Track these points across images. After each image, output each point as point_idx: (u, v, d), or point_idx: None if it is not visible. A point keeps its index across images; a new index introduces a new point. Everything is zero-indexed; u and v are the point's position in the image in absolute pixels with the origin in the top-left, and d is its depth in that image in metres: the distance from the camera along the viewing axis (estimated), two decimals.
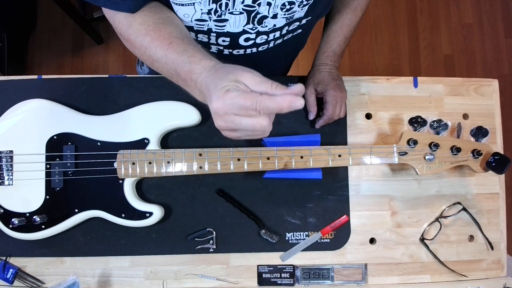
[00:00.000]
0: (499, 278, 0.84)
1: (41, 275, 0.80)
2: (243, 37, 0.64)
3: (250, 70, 0.47)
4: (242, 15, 0.58)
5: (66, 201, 0.76)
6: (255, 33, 0.63)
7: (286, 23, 0.64)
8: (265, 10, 0.58)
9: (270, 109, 0.45)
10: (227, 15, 0.58)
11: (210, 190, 0.81)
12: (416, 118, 0.79)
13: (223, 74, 0.48)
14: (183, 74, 0.53)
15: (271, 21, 0.61)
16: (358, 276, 0.83)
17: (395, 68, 1.95)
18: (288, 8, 0.59)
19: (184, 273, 0.81)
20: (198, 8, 0.56)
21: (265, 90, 0.45)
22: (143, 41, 0.56)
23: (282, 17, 0.61)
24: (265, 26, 0.62)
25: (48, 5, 1.82)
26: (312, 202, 0.82)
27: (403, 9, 2.00)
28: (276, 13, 0.59)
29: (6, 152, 0.77)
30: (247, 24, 0.61)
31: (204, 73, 0.51)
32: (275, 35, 0.67)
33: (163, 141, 0.80)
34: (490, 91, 0.89)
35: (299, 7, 0.60)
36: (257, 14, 0.59)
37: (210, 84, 0.49)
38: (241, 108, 0.45)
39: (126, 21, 0.57)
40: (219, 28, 0.61)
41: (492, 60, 1.99)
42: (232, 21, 0.59)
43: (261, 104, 0.44)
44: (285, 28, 0.66)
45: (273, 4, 0.57)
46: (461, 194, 0.86)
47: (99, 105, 0.81)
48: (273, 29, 0.64)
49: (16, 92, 0.81)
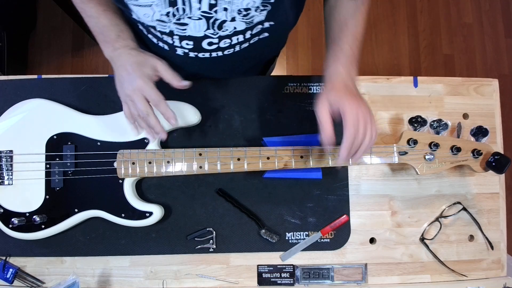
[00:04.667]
0: (499, 278, 0.84)
1: (41, 275, 0.80)
2: (205, 41, 0.64)
3: (164, 63, 0.66)
4: (201, 20, 0.58)
5: (66, 201, 0.76)
6: (217, 37, 0.63)
7: (248, 27, 0.63)
8: (223, 15, 0.58)
9: (161, 111, 0.66)
10: (186, 19, 0.58)
11: (210, 190, 0.81)
12: (416, 118, 0.79)
13: (144, 59, 0.65)
14: (108, 39, 0.65)
15: (230, 24, 0.60)
16: (358, 276, 0.83)
17: (395, 68, 1.95)
18: (245, 14, 0.59)
19: (184, 273, 0.81)
20: (156, 9, 0.56)
21: (169, 79, 0.66)
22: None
23: (241, 21, 0.60)
24: (225, 30, 0.61)
25: (48, 5, 1.82)
26: (312, 202, 0.82)
27: (403, 9, 2.00)
28: (234, 16, 0.59)
29: (6, 152, 0.77)
30: (208, 29, 0.61)
31: (127, 49, 0.65)
32: (239, 39, 0.65)
33: (163, 140, 0.80)
34: (490, 90, 0.89)
35: (256, 11, 0.59)
36: (215, 20, 0.59)
37: (132, 62, 0.64)
38: (150, 96, 0.64)
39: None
40: (181, 31, 0.61)
41: (492, 59, 1.99)
42: (192, 25, 0.60)
43: (159, 104, 0.65)
44: (248, 32, 0.65)
45: (229, 9, 0.57)
46: (461, 194, 0.86)
47: (99, 105, 0.81)
48: (235, 32, 0.63)
49: (16, 91, 0.81)
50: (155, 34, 0.64)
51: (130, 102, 0.66)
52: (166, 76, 0.66)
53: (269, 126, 0.83)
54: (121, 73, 0.65)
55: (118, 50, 0.65)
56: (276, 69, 1.81)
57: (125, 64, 0.64)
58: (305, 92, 0.85)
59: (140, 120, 0.68)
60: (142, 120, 0.68)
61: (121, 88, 0.66)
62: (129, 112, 0.68)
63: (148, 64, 0.65)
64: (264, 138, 0.79)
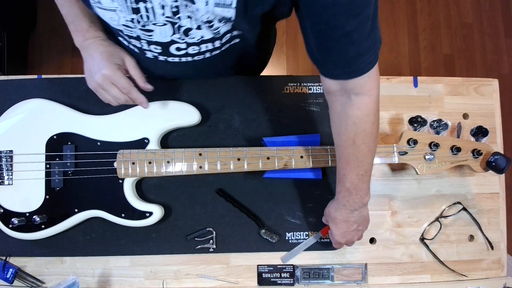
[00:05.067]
0: (499, 278, 0.84)
1: (41, 275, 0.80)
2: (173, 46, 0.63)
3: (133, 59, 0.69)
4: (166, 26, 0.57)
5: (66, 201, 0.76)
6: (185, 43, 0.62)
7: (215, 37, 0.62)
8: (187, 22, 0.56)
9: (132, 97, 0.69)
10: (151, 26, 0.57)
11: (210, 190, 0.81)
12: (416, 118, 0.79)
13: (114, 50, 0.67)
14: (79, 28, 0.67)
15: (197, 32, 0.59)
16: (358, 276, 0.83)
17: (395, 68, 1.95)
18: (209, 26, 0.57)
19: (184, 273, 0.81)
20: (121, 15, 0.55)
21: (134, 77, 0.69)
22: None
23: (206, 30, 0.59)
24: (192, 37, 0.60)
25: (48, 5, 1.82)
26: (312, 202, 0.82)
27: (403, 9, 2.00)
28: (199, 25, 0.57)
29: (6, 151, 0.77)
30: (174, 34, 0.60)
31: (97, 40, 0.67)
32: (208, 47, 0.64)
33: (163, 140, 0.80)
34: (490, 90, 0.89)
35: (220, 23, 0.57)
36: (180, 26, 0.58)
37: (102, 51, 0.66)
38: (120, 85, 0.67)
39: None
40: (147, 37, 0.61)
41: (492, 59, 1.99)
42: (158, 31, 0.59)
43: (130, 92, 0.68)
44: (217, 42, 0.63)
45: (193, 18, 0.56)
46: (461, 194, 0.86)
47: (99, 105, 0.81)
48: (202, 40, 0.61)
49: (16, 91, 0.81)
50: (124, 37, 0.64)
51: (102, 90, 0.68)
52: (133, 72, 0.69)
53: (269, 126, 0.83)
54: (90, 62, 0.67)
55: (88, 40, 0.67)
56: (276, 69, 1.81)
57: (94, 54, 0.66)
58: (305, 92, 0.85)
59: (118, 102, 0.70)
60: (121, 101, 0.70)
61: (90, 77, 0.68)
62: (105, 98, 0.70)
63: (118, 55, 0.67)
64: (264, 138, 0.79)
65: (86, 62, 0.68)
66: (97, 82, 0.67)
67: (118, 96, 0.68)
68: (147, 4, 0.52)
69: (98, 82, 0.67)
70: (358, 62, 0.55)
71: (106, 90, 0.68)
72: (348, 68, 0.56)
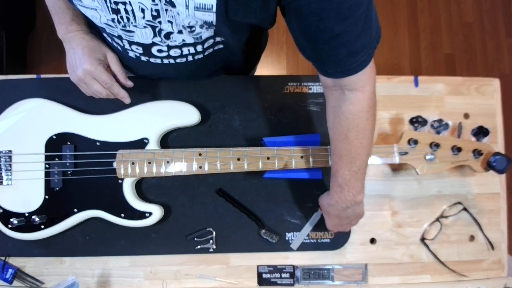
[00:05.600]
0: (500, 278, 0.84)
1: (40, 275, 0.80)
2: (155, 48, 0.63)
3: (115, 55, 0.70)
4: (146, 28, 0.57)
5: (65, 201, 0.76)
6: (166, 46, 0.62)
7: (197, 42, 0.61)
8: (168, 27, 0.56)
9: (113, 92, 0.70)
10: (131, 27, 0.57)
11: (210, 190, 0.81)
12: (416, 118, 0.78)
13: (96, 45, 0.68)
14: (63, 20, 0.67)
15: (178, 36, 0.59)
16: (358, 276, 0.82)
17: (395, 67, 1.94)
18: (190, 31, 0.57)
19: (183, 273, 0.81)
20: (101, 14, 0.55)
21: (115, 73, 0.70)
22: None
23: (188, 35, 0.59)
24: (174, 40, 0.60)
25: None
26: (312, 202, 0.82)
27: (403, 8, 2.00)
28: (180, 29, 0.57)
29: (5, 152, 0.76)
30: (155, 37, 0.59)
31: (80, 33, 0.68)
32: (190, 50, 0.64)
33: (163, 141, 0.80)
34: (491, 90, 0.89)
35: (201, 29, 0.57)
36: (161, 30, 0.57)
37: (84, 46, 0.66)
38: (101, 80, 0.67)
39: None
40: (128, 37, 0.61)
41: (493, 59, 1.98)
42: (138, 33, 0.59)
43: (112, 87, 0.68)
44: (199, 46, 0.63)
45: (174, 23, 0.55)
46: (462, 194, 0.86)
47: (98, 105, 0.81)
48: (184, 44, 0.61)
49: (15, 91, 0.81)
50: (107, 34, 0.64)
51: (83, 84, 0.69)
52: (114, 67, 0.69)
53: (269, 126, 0.82)
54: (72, 55, 0.67)
55: (71, 33, 0.67)
56: (276, 69, 1.81)
57: (77, 48, 0.66)
58: (305, 92, 0.84)
59: (100, 96, 0.71)
60: (103, 95, 0.71)
61: (72, 71, 0.69)
62: (87, 92, 0.71)
63: (100, 50, 0.68)
64: (264, 138, 0.79)
65: (68, 55, 0.68)
66: (78, 76, 0.67)
67: (100, 91, 0.69)
68: (126, 6, 0.52)
69: (79, 77, 0.67)
70: (350, 62, 0.55)
71: (88, 85, 0.68)
72: (340, 68, 0.56)
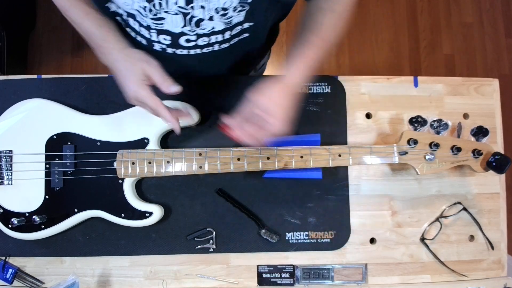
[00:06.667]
0: (500, 278, 0.84)
1: (40, 275, 0.80)
2: (183, 38, 0.63)
3: (154, 64, 0.62)
4: (178, 16, 0.58)
5: (66, 201, 0.76)
6: (195, 35, 0.63)
7: (227, 28, 0.62)
8: (200, 13, 0.57)
9: (161, 117, 0.65)
10: (163, 13, 0.58)
11: (210, 190, 0.81)
12: (416, 118, 0.78)
13: (134, 60, 0.62)
14: (96, 43, 0.64)
15: (208, 23, 0.60)
16: (358, 276, 0.82)
17: (395, 68, 1.95)
18: (223, 14, 0.58)
19: (184, 273, 0.81)
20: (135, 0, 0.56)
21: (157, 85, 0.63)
22: (63, 3, 0.64)
23: (219, 21, 0.60)
24: (203, 28, 0.61)
25: (48, 4, 1.81)
26: (312, 202, 0.82)
27: (403, 9, 2.00)
28: (211, 15, 0.58)
29: (5, 151, 0.77)
30: (185, 26, 0.60)
31: (115, 51, 0.63)
32: (217, 38, 0.65)
33: (163, 140, 0.80)
34: (490, 90, 0.89)
35: (234, 12, 0.59)
36: (192, 17, 0.58)
37: (121, 64, 0.62)
38: (146, 105, 0.63)
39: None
40: (158, 25, 0.61)
41: (492, 59, 1.99)
42: (169, 20, 0.59)
43: (158, 112, 0.64)
44: (227, 33, 0.64)
45: (207, 7, 0.56)
46: (462, 194, 0.86)
47: (98, 105, 0.81)
48: (213, 31, 0.62)
49: (16, 91, 0.81)
50: (133, 27, 0.64)
51: (136, 102, 0.66)
52: (156, 79, 0.63)
53: None
54: (117, 77, 0.65)
55: (107, 54, 0.64)
56: (276, 69, 1.81)
57: (117, 70, 0.64)
58: (305, 92, 0.85)
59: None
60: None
61: (124, 92, 0.65)
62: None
63: (138, 70, 0.62)
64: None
65: (115, 76, 0.65)
66: (129, 97, 0.64)
67: (152, 113, 0.66)
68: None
69: (130, 98, 0.65)
70: None
71: (141, 106, 0.66)
72: None
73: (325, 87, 0.85)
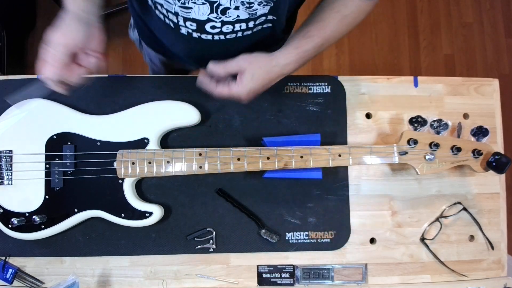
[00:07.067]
0: (500, 278, 0.84)
1: (40, 275, 0.80)
2: (209, 24, 0.66)
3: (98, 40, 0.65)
4: (204, 5, 0.61)
5: (66, 201, 0.76)
6: (220, 22, 0.65)
7: (251, 18, 0.65)
8: (227, 2, 0.60)
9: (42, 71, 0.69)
10: (190, 3, 0.61)
11: (210, 190, 0.81)
12: (416, 118, 0.78)
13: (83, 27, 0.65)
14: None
15: (234, 12, 0.63)
16: (358, 276, 0.83)
17: (395, 68, 1.95)
18: (248, 6, 0.61)
19: (184, 273, 0.81)
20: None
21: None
22: None
23: (244, 11, 0.62)
24: (229, 16, 0.64)
25: (48, 4, 1.81)
26: (312, 202, 0.82)
27: (403, 9, 2.00)
28: (237, 5, 0.61)
29: (5, 151, 0.76)
30: (211, 13, 0.63)
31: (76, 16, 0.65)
32: (241, 26, 0.67)
33: (163, 140, 0.80)
34: (490, 90, 0.89)
35: (259, 5, 0.61)
36: (219, 5, 0.61)
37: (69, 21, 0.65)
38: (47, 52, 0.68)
39: None
40: (185, 13, 0.64)
41: (492, 59, 1.99)
42: (196, 9, 0.62)
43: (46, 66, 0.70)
44: (251, 22, 0.66)
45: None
46: (462, 194, 0.86)
47: (98, 105, 0.81)
48: (237, 19, 0.65)
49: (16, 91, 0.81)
50: (162, 11, 0.66)
51: (45, 46, 0.68)
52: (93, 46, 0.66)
53: (269, 126, 0.83)
54: (56, 25, 0.66)
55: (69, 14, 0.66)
56: None
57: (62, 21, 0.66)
58: (305, 92, 0.85)
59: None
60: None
61: (48, 34, 0.67)
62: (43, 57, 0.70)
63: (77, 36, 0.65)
64: (264, 138, 0.79)
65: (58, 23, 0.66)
66: (45, 41, 0.66)
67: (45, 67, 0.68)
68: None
69: (45, 42, 0.66)
70: None
71: (44, 55, 0.68)
72: None
73: (325, 87, 0.85)
